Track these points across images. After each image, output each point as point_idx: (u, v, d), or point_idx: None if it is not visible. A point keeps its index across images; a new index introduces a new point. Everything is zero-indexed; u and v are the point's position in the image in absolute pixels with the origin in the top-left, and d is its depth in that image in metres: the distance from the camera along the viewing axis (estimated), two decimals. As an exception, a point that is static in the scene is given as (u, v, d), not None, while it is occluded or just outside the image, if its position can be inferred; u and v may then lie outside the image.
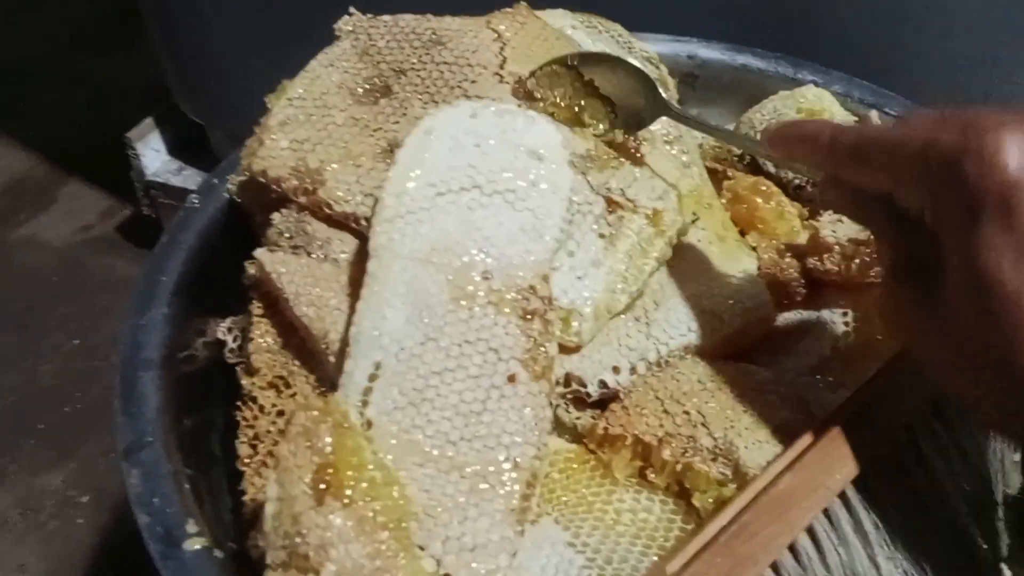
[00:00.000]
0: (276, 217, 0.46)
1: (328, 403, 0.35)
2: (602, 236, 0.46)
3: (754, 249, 0.51)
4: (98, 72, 1.52)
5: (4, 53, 1.56)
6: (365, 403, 0.37)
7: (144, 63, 1.22)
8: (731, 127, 0.64)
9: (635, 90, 0.49)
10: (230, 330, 0.49)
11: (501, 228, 0.41)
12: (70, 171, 1.37)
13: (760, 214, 0.52)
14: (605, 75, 0.49)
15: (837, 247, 0.47)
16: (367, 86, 0.50)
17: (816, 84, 0.62)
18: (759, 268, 0.50)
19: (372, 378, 0.37)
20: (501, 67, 0.51)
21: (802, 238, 0.52)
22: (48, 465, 0.99)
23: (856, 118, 0.58)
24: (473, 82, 0.50)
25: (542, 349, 0.38)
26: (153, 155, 1.11)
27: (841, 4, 0.73)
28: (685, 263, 0.49)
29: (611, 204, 0.47)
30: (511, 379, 0.37)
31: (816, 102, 0.58)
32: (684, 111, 0.51)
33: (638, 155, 0.49)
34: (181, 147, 1.16)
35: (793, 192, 0.54)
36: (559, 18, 0.58)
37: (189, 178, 1.12)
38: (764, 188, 0.52)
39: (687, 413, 0.40)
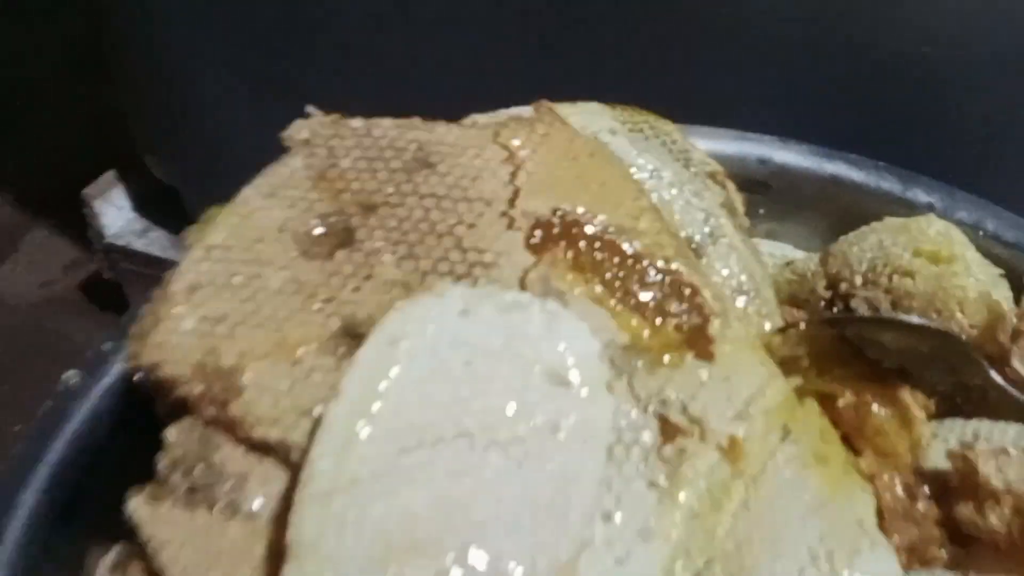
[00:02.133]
0: (170, 434, 0.31)
1: None
2: (654, 485, 0.30)
3: (870, 479, 0.35)
4: (63, 115, 1.38)
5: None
6: None
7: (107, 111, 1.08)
8: (813, 256, 0.48)
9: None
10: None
11: (502, 507, 0.26)
12: (34, 218, 1.23)
13: (875, 423, 0.36)
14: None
15: (1009, 496, 0.32)
16: (321, 229, 0.35)
17: (933, 209, 0.46)
18: (879, 513, 0.34)
19: None
20: (512, 202, 0.36)
21: (936, 456, 0.36)
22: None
23: (1000, 270, 0.43)
24: (471, 226, 0.35)
25: None
26: (114, 213, 0.97)
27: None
28: (768, 507, 0.33)
29: (667, 429, 0.32)
30: None
31: (941, 242, 0.43)
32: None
33: (707, 342, 0.34)
34: (149, 201, 1.01)
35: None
36: (594, 117, 0.43)
37: (155, 241, 0.97)
38: (880, 382, 0.37)
39: None
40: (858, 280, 0.44)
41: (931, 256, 0.42)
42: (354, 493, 0.25)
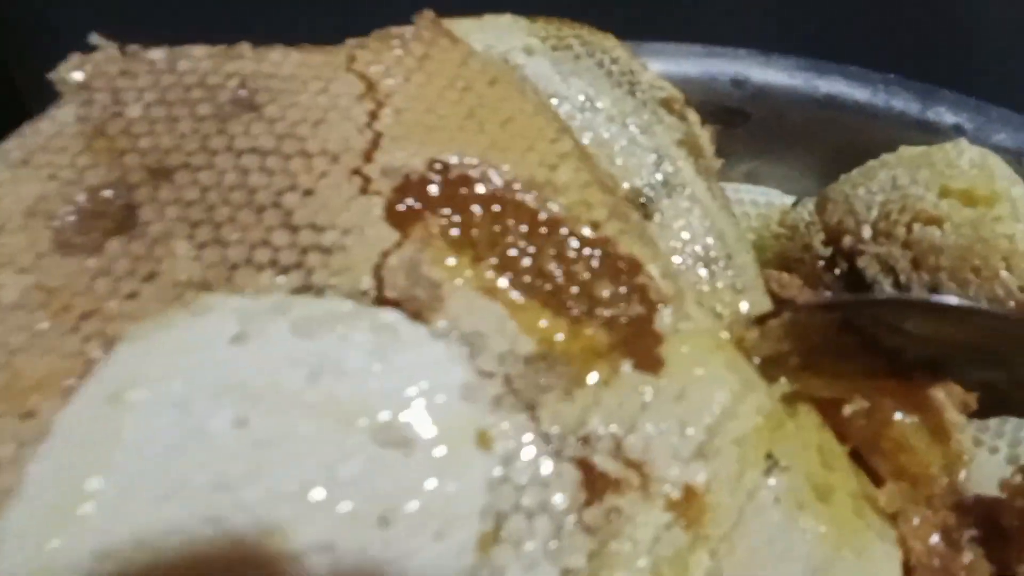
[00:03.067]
0: None
1: None
2: (569, 574, 0.20)
3: (892, 518, 0.25)
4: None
5: None
6: None
7: None
8: (807, 203, 0.38)
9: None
10: None
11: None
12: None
13: (897, 434, 0.26)
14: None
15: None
16: (89, 207, 0.24)
17: (962, 132, 0.36)
18: (906, 570, 0.24)
19: None
20: (368, 155, 0.25)
21: (984, 475, 0.26)
22: None
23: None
24: (308, 193, 0.24)
25: None
26: None
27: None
28: (748, 574, 0.23)
29: (591, 480, 0.21)
30: None
31: (976, 176, 0.32)
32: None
33: (652, 342, 0.24)
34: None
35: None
36: (503, 34, 0.32)
37: None
38: (900, 379, 0.26)
39: None
40: (866, 232, 0.34)
41: (964, 195, 0.32)
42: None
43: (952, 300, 0.23)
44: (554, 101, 0.31)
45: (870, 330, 0.24)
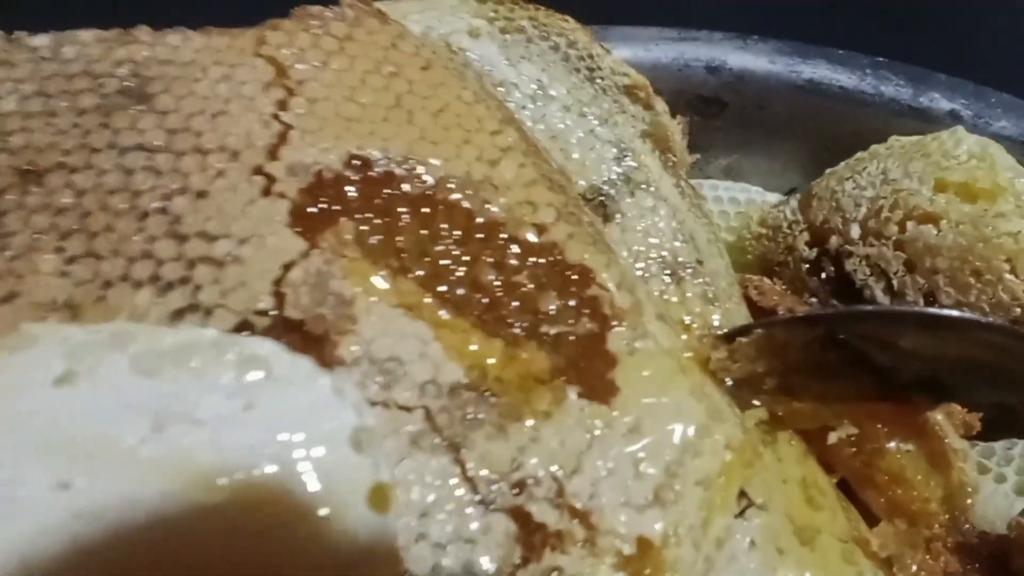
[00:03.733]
0: None
1: None
2: (497, 653, 0.17)
3: (887, 564, 0.22)
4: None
5: None
6: None
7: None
8: (790, 200, 0.34)
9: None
10: None
11: None
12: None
13: (891, 465, 0.23)
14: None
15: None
16: (-56, 217, 0.21)
17: (959, 120, 0.32)
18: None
19: None
20: (273, 151, 0.22)
21: (990, 506, 0.23)
22: None
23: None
24: (201, 195, 0.21)
25: None
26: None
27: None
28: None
29: (529, 532, 0.18)
30: None
31: (976, 168, 0.29)
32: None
33: (603, 366, 0.20)
34: None
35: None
36: (445, 14, 0.29)
37: None
38: (895, 402, 0.23)
39: None
40: (854, 231, 0.30)
41: (963, 190, 0.28)
42: None
43: (953, 313, 0.20)
44: (501, 89, 0.27)
45: (858, 346, 0.21)
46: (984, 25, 0.43)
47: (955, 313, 0.20)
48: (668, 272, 0.25)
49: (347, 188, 0.22)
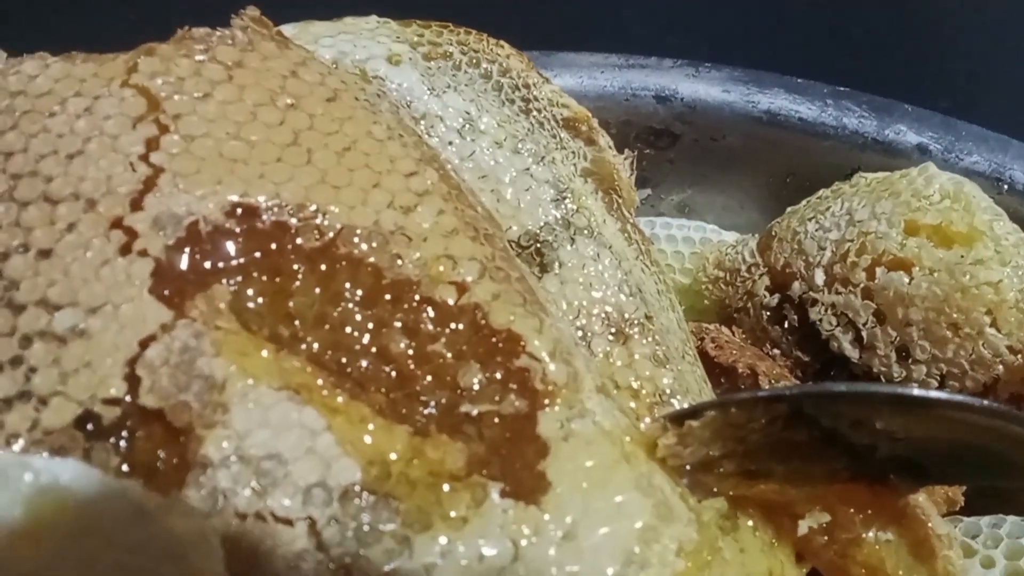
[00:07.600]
0: None
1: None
2: None
3: None
4: None
5: None
6: None
7: None
8: (747, 240, 0.32)
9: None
10: None
11: None
12: None
13: (869, 556, 0.20)
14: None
15: None
16: None
17: (929, 155, 0.30)
18: None
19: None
20: (137, 201, 0.18)
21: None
22: None
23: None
24: (43, 255, 0.17)
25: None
26: None
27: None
28: None
29: None
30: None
31: (950, 209, 0.26)
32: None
33: (533, 456, 0.17)
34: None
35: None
36: (363, 40, 0.26)
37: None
38: (870, 485, 0.20)
39: None
40: (819, 277, 0.28)
41: (936, 233, 0.26)
42: None
43: (929, 394, 0.17)
44: (422, 123, 0.24)
45: (827, 424, 0.18)
46: (949, 50, 0.41)
47: (932, 393, 0.17)
48: (613, 330, 0.22)
49: (226, 243, 0.18)
